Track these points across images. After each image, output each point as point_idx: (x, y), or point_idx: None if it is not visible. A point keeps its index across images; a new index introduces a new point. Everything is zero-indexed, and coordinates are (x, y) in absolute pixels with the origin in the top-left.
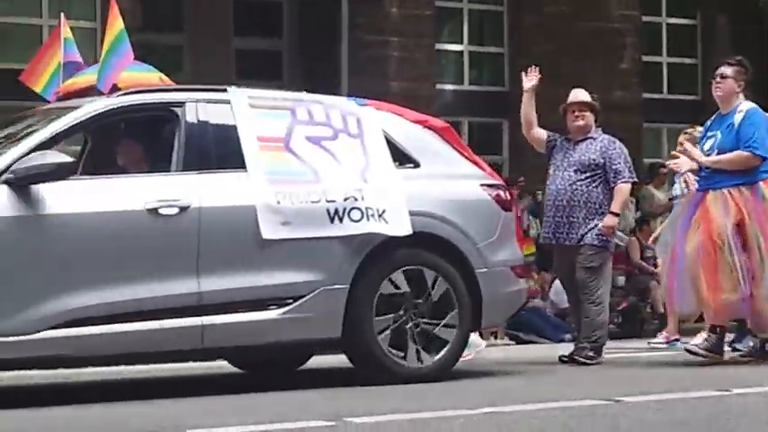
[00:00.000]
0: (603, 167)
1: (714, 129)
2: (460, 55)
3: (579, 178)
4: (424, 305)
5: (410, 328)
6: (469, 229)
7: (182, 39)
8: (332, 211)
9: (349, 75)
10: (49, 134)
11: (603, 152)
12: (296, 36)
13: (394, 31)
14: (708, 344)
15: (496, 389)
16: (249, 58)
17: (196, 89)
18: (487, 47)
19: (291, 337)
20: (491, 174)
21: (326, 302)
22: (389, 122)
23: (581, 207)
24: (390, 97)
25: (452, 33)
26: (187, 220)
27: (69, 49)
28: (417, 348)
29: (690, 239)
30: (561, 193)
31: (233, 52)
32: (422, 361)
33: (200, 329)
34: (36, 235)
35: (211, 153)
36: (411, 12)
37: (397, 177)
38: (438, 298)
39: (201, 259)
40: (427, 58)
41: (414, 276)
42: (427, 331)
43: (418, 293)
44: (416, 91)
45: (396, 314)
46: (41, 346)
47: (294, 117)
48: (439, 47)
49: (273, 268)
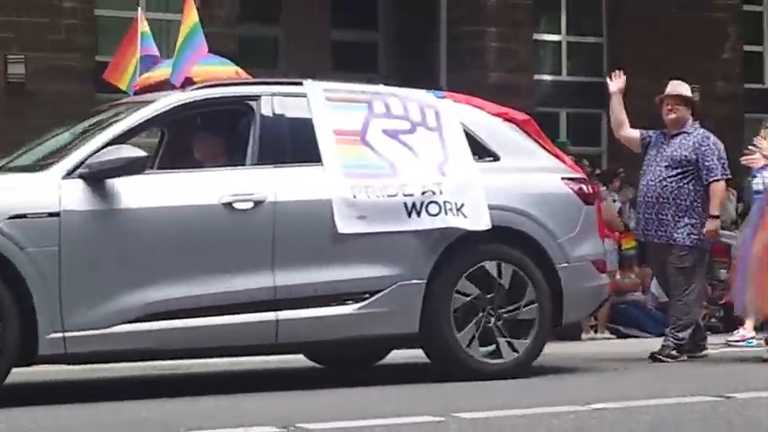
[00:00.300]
0: (696, 164)
1: None
2: (558, 45)
3: (669, 174)
4: (503, 299)
5: (494, 322)
6: (550, 223)
7: (278, 31)
8: (409, 204)
9: (447, 66)
10: (123, 129)
11: (696, 148)
12: (393, 28)
13: (492, 21)
14: None
15: (601, 384)
16: (346, 50)
17: (271, 83)
18: (586, 37)
19: (368, 332)
20: (572, 167)
21: (403, 297)
22: (468, 115)
23: (670, 204)
24: (488, 88)
25: (550, 23)
26: (262, 214)
27: (146, 43)
28: (508, 341)
29: (757, 240)
30: (651, 189)
31: (329, 44)
32: (516, 351)
33: (275, 324)
34: (110, 230)
35: (287, 146)
36: (509, 2)
37: (475, 171)
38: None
39: (276, 254)
40: (525, 48)
41: (495, 272)
42: (512, 320)
43: (498, 289)
44: (514, 82)
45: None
46: (119, 340)
47: (371, 110)
48: (537, 37)
49: (349, 263)
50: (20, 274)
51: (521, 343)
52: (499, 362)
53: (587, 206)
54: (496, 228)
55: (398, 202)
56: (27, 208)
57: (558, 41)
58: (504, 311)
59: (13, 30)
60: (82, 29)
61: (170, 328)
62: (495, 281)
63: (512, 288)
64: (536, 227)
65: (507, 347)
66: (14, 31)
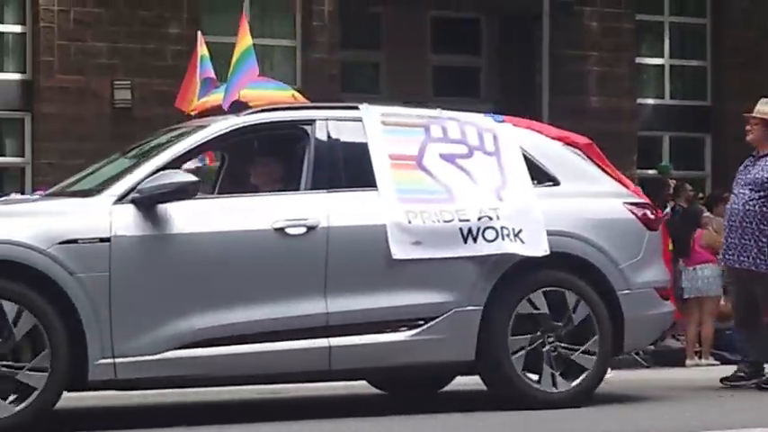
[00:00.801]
0: None
1: None
2: (661, 69)
3: (753, 197)
4: (562, 329)
5: (547, 351)
6: (611, 249)
7: (379, 56)
8: (465, 230)
9: (549, 90)
10: (175, 154)
11: None
12: (494, 52)
13: (594, 45)
14: None
15: (705, 412)
16: (446, 74)
17: (327, 107)
18: (689, 60)
19: (423, 359)
20: (636, 192)
21: (459, 324)
22: (528, 139)
23: (753, 228)
24: (590, 112)
25: (653, 47)
26: (315, 239)
27: (205, 66)
28: (552, 373)
29: None
30: (735, 213)
31: (430, 69)
32: (556, 386)
33: (328, 351)
34: (161, 255)
35: (341, 171)
36: (611, 25)
37: (534, 196)
38: (578, 322)
39: (329, 279)
40: (628, 72)
41: (552, 298)
42: (565, 356)
43: (557, 316)
44: (617, 106)
45: (532, 336)
46: (169, 366)
47: (428, 134)
48: (639, 61)
49: (404, 289)
50: (70, 300)
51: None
52: (558, 391)
53: (651, 232)
54: (556, 254)
55: (454, 227)
56: (78, 233)
57: (661, 65)
58: (562, 345)
59: (121, 56)
60: (188, 55)
61: (221, 354)
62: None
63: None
64: (596, 253)
65: (550, 379)
66: (121, 57)
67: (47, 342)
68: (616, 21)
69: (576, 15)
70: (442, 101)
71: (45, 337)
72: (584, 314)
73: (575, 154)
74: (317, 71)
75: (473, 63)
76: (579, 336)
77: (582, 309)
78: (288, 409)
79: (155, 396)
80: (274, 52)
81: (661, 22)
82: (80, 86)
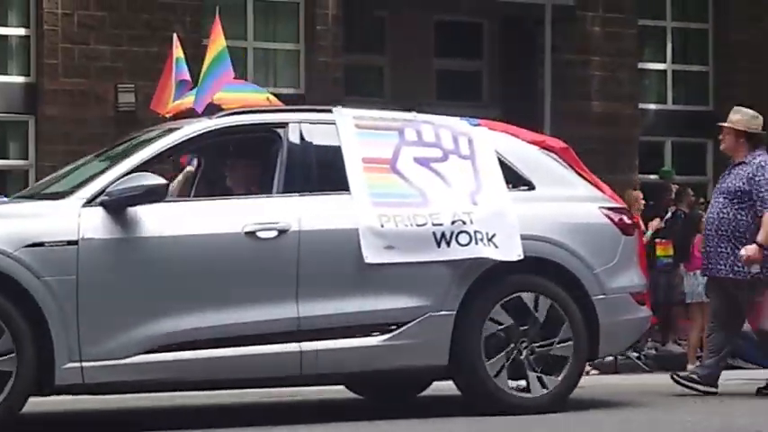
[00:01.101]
0: (751, 195)
1: None
2: (664, 74)
3: (727, 205)
4: (536, 332)
5: (526, 356)
6: (586, 253)
7: (383, 60)
8: (438, 234)
9: (551, 95)
10: (146, 156)
11: (750, 178)
12: (496, 57)
13: (596, 50)
14: None
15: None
16: (449, 78)
17: (301, 110)
18: (692, 65)
19: (395, 364)
20: (612, 196)
21: (432, 329)
22: (503, 143)
23: (728, 236)
24: (592, 117)
25: (655, 52)
26: (286, 243)
27: (180, 69)
28: (538, 375)
29: None
30: (710, 222)
31: (433, 73)
32: (546, 386)
33: (299, 355)
34: (130, 258)
35: (314, 175)
36: (613, 30)
37: (508, 200)
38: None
39: (301, 283)
40: (630, 77)
41: (527, 303)
42: (545, 355)
43: (531, 321)
44: (619, 111)
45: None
46: (138, 371)
47: (402, 138)
48: (642, 66)
49: (376, 293)
50: (36, 303)
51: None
52: (531, 396)
53: (626, 236)
54: (530, 258)
55: (427, 231)
56: (45, 236)
57: (664, 70)
58: (537, 345)
59: (124, 60)
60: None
61: (190, 358)
62: (529, 313)
63: (547, 322)
64: (571, 257)
65: (537, 383)
66: (125, 60)
67: (12, 346)
68: (618, 26)
69: (579, 20)
70: (444, 105)
71: (11, 341)
72: (559, 319)
73: (550, 158)
74: (320, 75)
75: (476, 67)
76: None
77: (556, 314)
78: (269, 414)
79: (133, 400)
80: (278, 56)
81: (663, 27)
82: (84, 89)
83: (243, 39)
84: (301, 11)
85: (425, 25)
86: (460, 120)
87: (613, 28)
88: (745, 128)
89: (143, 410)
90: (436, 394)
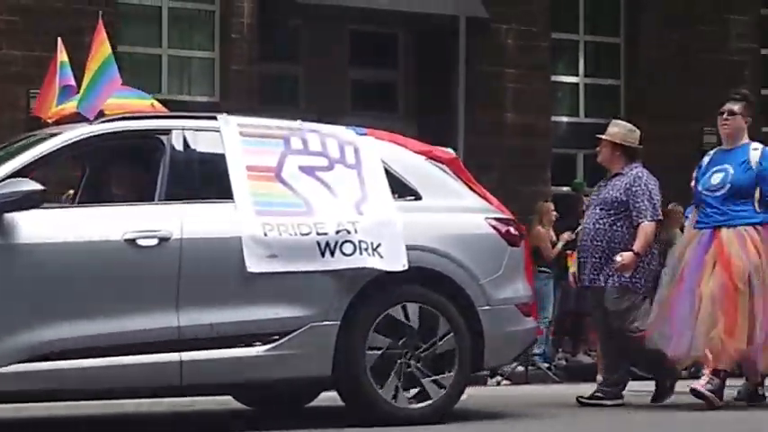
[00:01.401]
0: (627, 205)
1: (719, 164)
2: (576, 87)
3: (603, 216)
4: (421, 344)
5: (403, 367)
6: (472, 264)
7: (298, 69)
8: (323, 244)
9: (464, 106)
10: (24, 162)
11: (627, 189)
12: (411, 67)
13: (510, 62)
14: (712, 386)
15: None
16: (364, 89)
17: (185, 116)
18: (604, 79)
19: (278, 374)
20: (499, 207)
21: (316, 339)
22: (390, 153)
23: (603, 247)
24: (506, 129)
25: (568, 65)
26: (167, 251)
27: (64, 74)
28: (405, 388)
29: (706, 281)
30: (586, 233)
31: (348, 83)
32: (415, 402)
33: (179, 365)
34: (7, 265)
35: (197, 182)
36: (527, 43)
37: (394, 210)
38: (438, 338)
39: (182, 292)
40: (543, 89)
41: (411, 314)
42: (424, 372)
43: (416, 332)
44: (532, 123)
45: (390, 352)
46: (12, 380)
47: (287, 146)
48: (555, 79)
49: (259, 303)
50: None
51: (437, 391)
52: (414, 407)
53: (513, 248)
54: (415, 268)
55: (311, 240)
56: None
57: (576, 83)
58: (420, 351)
59: (37, 65)
60: None
61: (67, 368)
62: (411, 324)
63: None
64: (456, 268)
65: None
66: (37, 66)
67: None
68: (532, 39)
69: (493, 33)
70: (360, 115)
71: None
72: (444, 330)
73: (438, 168)
74: (235, 84)
75: (391, 78)
76: (439, 352)
77: (442, 325)
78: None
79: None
80: (193, 64)
81: (576, 41)
82: None
83: (157, 46)
84: (216, 19)
85: (340, 35)
86: (347, 129)
87: (527, 41)
88: (622, 141)
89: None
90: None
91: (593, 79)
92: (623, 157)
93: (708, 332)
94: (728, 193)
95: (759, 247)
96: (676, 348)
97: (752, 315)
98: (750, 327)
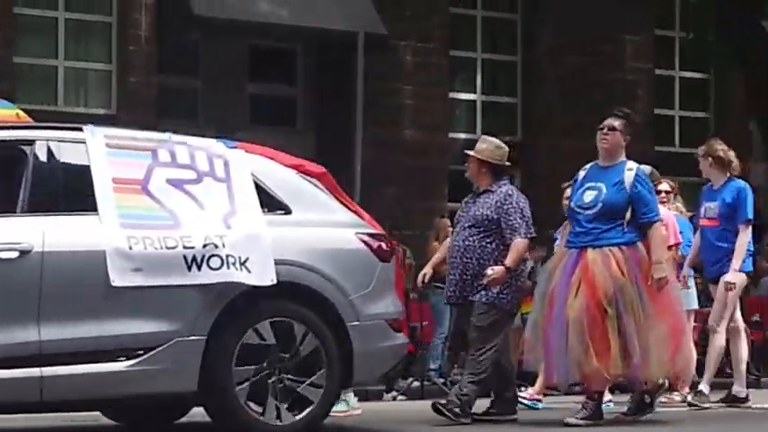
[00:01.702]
0: (498, 222)
1: (593, 180)
2: (474, 104)
3: (473, 233)
4: (289, 360)
5: (272, 383)
6: (341, 279)
7: (197, 83)
8: (189, 257)
9: (363, 122)
10: None
11: (498, 207)
12: (310, 83)
13: (408, 79)
14: (587, 413)
15: None
16: (263, 104)
17: (50, 127)
18: (500, 96)
19: (142, 390)
20: (370, 222)
21: (181, 354)
22: (260, 166)
23: (473, 264)
24: (403, 146)
25: (466, 83)
26: (28, 264)
27: None
28: (277, 405)
29: (571, 303)
30: (456, 250)
31: (247, 98)
32: (281, 419)
33: (39, 381)
34: None
35: (61, 194)
36: (425, 60)
37: (263, 224)
38: (307, 353)
39: (43, 306)
40: (441, 106)
41: (280, 329)
42: (291, 388)
43: (284, 347)
44: (430, 140)
45: (258, 367)
46: None
47: (155, 158)
48: (453, 95)
49: (123, 317)
50: None
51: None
52: (282, 424)
53: (383, 263)
54: (284, 283)
55: (178, 254)
56: None
57: (474, 100)
58: (289, 376)
59: None
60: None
61: None
62: (280, 340)
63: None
64: (326, 283)
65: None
66: None
67: None
68: (430, 56)
69: (392, 49)
70: (258, 130)
71: None
72: (312, 346)
73: (308, 182)
74: (133, 96)
75: (290, 93)
76: (306, 367)
77: (310, 340)
78: None
79: None
80: (89, 76)
81: (474, 59)
82: None
83: (54, 57)
84: (114, 31)
85: (239, 49)
86: (217, 141)
87: (425, 58)
88: (488, 158)
89: None
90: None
91: (490, 97)
92: (489, 174)
93: (579, 360)
94: (599, 213)
95: (623, 267)
96: (552, 377)
97: (623, 336)
98: (624, 347)
